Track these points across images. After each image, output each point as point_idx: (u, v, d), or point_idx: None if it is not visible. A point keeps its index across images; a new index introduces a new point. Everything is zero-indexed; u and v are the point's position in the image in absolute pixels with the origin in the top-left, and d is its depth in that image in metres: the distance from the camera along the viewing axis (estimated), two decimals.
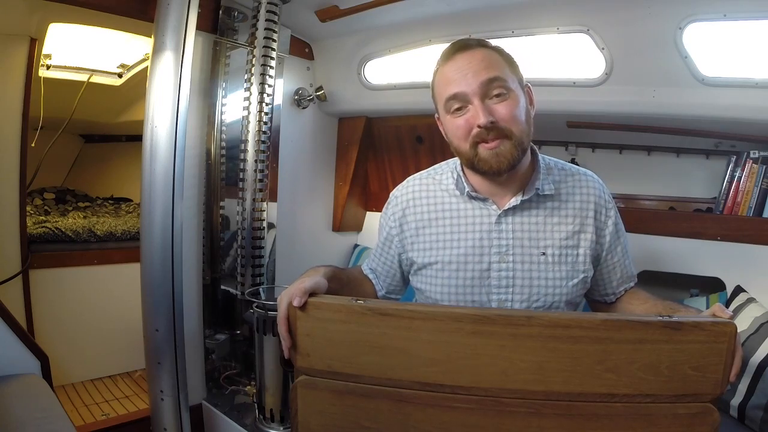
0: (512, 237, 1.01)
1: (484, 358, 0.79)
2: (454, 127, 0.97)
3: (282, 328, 0.86)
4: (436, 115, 1.06)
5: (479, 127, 0.92)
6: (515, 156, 0.94)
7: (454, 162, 1.09)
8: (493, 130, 0.92)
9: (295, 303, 0.84)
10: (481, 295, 1.03)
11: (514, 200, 1.01)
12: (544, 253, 1.01)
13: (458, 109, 0.95)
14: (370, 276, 1.22)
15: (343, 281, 1.09)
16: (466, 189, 1.03)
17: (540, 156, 1.06)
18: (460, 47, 0.97)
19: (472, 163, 0.98)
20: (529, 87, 1.01)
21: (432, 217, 1.07)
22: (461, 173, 1.05)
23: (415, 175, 1.15)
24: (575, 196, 1.04)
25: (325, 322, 0.85)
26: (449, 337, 0.80)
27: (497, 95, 0.93)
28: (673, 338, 0.75)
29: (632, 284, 1.14)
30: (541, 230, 1.02)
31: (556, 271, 1.01)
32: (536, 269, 1.01)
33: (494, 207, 1.02)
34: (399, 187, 1.15)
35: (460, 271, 1.03)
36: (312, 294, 0.87)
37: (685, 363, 0.75)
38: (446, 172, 1.10)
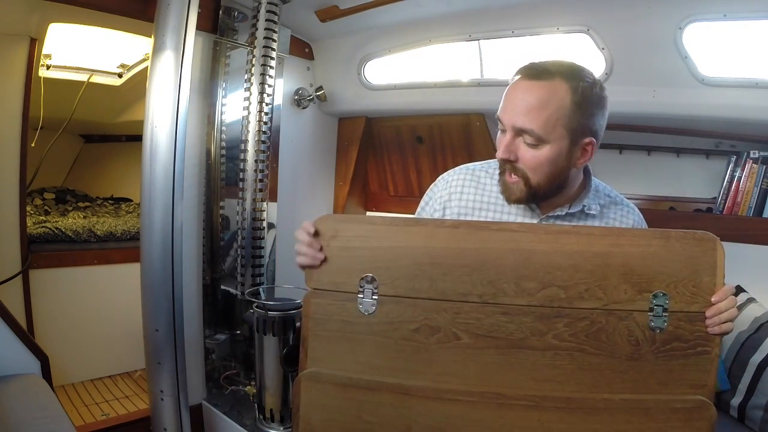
0: None
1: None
2: (498, 141, 0.99)
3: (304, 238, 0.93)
4: None
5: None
6: (528, 196, 0.97)
7: None
8: (512, 167, 0.95)
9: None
10: None
11: (560, 210, 1.01)
12: None
13: (502, 130, 0.97)
14: None
15: None
16: None
17: (592, 177, 1.06)
18: (528, 74, 0.93)
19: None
20: (592, 142, 0.94)
21: (476, 206, 1.08)
22: None
23: (469, 164, 1.15)
24: (616, 223, 1.05)
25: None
26: None
27: (527, 142, 0.93)
28: None
29: None
30: None
31: None
32: None
33: (538, 211, 1.03)
34: (450, 171, 1.15)
35: None
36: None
37: None
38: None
